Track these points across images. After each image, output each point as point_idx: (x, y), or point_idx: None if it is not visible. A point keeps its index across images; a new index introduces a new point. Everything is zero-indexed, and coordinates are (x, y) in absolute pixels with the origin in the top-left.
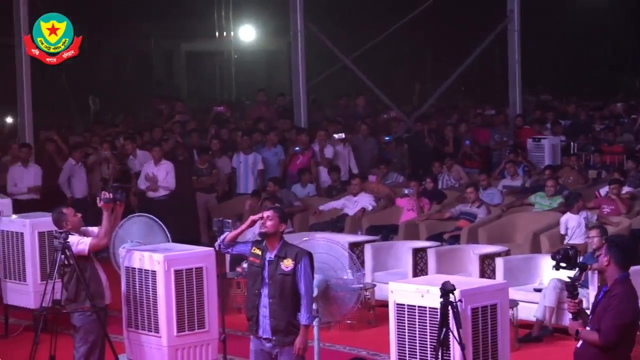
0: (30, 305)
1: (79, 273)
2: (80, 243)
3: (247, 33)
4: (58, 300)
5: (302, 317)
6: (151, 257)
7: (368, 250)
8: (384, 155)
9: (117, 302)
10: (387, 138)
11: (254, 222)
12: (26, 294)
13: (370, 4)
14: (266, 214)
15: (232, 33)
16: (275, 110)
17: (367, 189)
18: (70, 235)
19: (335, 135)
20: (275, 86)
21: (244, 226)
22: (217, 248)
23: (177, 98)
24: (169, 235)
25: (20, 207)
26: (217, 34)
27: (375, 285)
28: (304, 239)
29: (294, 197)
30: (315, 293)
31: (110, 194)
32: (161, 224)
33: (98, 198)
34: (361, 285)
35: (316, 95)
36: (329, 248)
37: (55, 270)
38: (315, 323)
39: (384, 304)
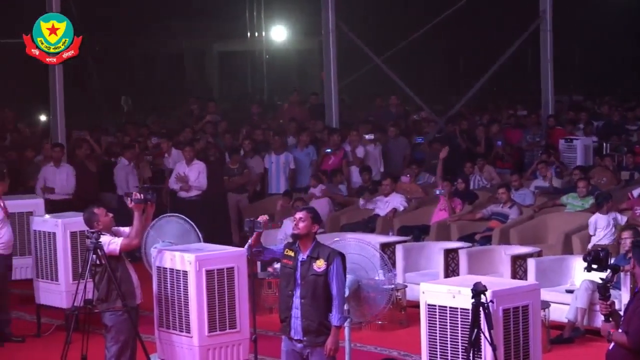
0: (62, 304)
1: (110, 273)
2: (111, 243)
3: (278, 33)
4: (90, 300)
5: (334, 318)
6: (183, 257)
7: (399, 250)
8: (415, 155)
9: (149, 301)
10: (419, 139)
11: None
12: (58, 293)
13: (402, 4)
14: (298, 215)
15: (263, 33)
16: (307, 110)
17: (399, 189)
18: (101, 235)
19: (366, 136)
20: (306, 86)
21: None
22: (248, 256)
23: (209, 98)
24: (200, 235)
25: (52, 207)
26: (248, 34)
27: (406, 286)
28: (335, 239)
29: (338, 191)
30: (346, 294)
31: (141, 195)
32: (192, 224)
33: (129, 198)
34: (392, 286)
35: (348, 95)
36: (360, 248)
37: (87, 270)
38: (346, 323)
39: (415, 305)
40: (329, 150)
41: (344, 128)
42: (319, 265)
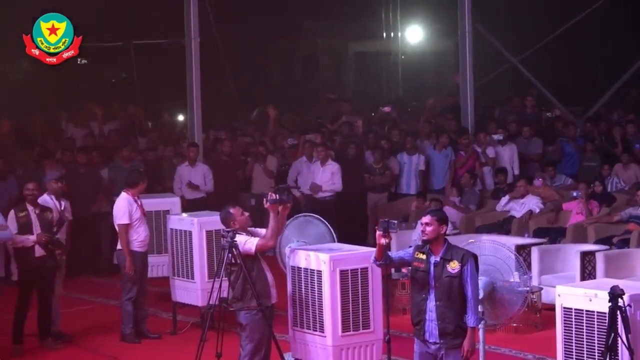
0: (197, 302)
1: (245, 272)
2: (247, 242)
3: (414, 34)
4: (225, 299)
5: (469, 320)
6: (317, 257)
7: (535, 253)
8: (551, 156)
9: (283, 301)
10: (561, 139)
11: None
12: (194, 291)
13: (539, 4)
14: (424, 220)
15: (399, 34)
16: (442, 111)
17: (532, 192)
18: (237, 235)
19: (494, 136)
20: (442, 87)
21: (380, 241)
22: (376, 265)
23: (345, 98)
24: (335, 235)
25: (187, 206)
26: (384, 34)
27: (542, 289)
28: (470, 240)
29: (476, 197)
30: (481, 295)
31: (277, 195)
32: (327, 224)
33: (265, 199)
34: (528, 288)
35: (485, 95)
36: (495, 250)
37: (222, 269)
38: (481, 325)
39: (551, 308)
40: (462, 152)
41: (479, 129)
42: (453, 266)
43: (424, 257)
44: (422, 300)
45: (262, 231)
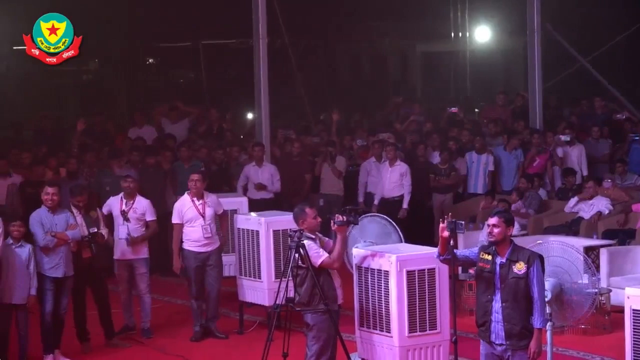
0: (264, 302)
1: (315, 279)
2: (315, 253)
3: (482, 33)
4: (292, 298)
5: (536, 321)
6: (384, 257)
7: (604, 254)
8: (620, 154)
9: (350, 301)
10: (632, 135)
11: None
12: (260, 291)
13: (608, 3)
14: (491, 221)
15: (467, 33)
16: (510, 111)
17: (601, 193)
18: (308, 239)
19: (561, 137)
20: (510, 87)
21: (443, 234)
22: (440, 260)
23: (413, 99)
24: (401, 235)
25: (255, 206)
26: (452, 34)
27: (611, 291)
28: (538, 241)
29: (537, 201)
30: (549, 297)
31: (344, 217)
32: (394, 224)
33: (332, 221)
34: (596, 290)
35: (554, 96)
36: (563, 251)
37: (289, 269)
38: (548, 327)
39: (620, 310)
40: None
41: (548, 130)
42: (520, 267)
43: (489, 257)
44: (487, 302)
45: (329, 242)
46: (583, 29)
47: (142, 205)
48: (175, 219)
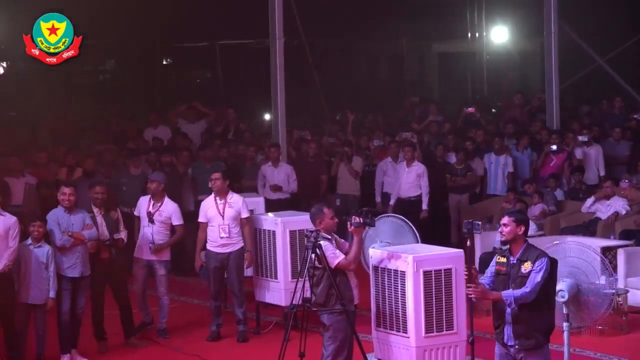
0: (280, 302)
1: (332, 279)
2: (332, 254)
3: (499, 34)
4: (308, 298)
5: (508, 293)
6: (400, 257)
7: (621, 255)
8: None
9: (366, 301)
10: None
11: None
12: (277, 291)
13: (625, 3)
14: (502, 221)
15: (484, 34)
16: (527, 112)
17: (619, 194)
18: (324, 239)
19: (579, 137)
20: (527, 88)
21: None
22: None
23: (430, 99)
24: (418, 235)
25: (271, 207)
26: (469, 35)
27: (628, 291)
28: (555, 242)
29: (552, 200)
30: (566, 297)
31: (361, 219)
32: (411, 224)
33: (349, 223)
34: (613, 291)
35: (572, 96)
36: (580, 252)
37: (305, 269)
38: (565, 327)
39: (637, 311)
40: (554, 147)
41: (565, 130)
42: (526, 267)
43: (504, 260)
44: (502, 304)
45: (345, 244)
46: (599, 30)
47: (168, 209)
48: (199, 218)
